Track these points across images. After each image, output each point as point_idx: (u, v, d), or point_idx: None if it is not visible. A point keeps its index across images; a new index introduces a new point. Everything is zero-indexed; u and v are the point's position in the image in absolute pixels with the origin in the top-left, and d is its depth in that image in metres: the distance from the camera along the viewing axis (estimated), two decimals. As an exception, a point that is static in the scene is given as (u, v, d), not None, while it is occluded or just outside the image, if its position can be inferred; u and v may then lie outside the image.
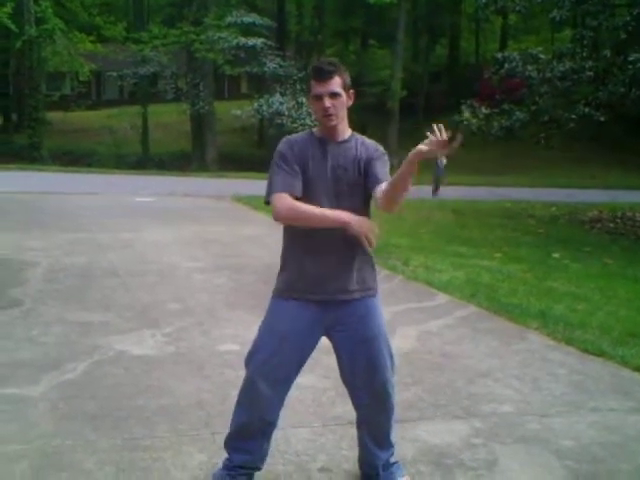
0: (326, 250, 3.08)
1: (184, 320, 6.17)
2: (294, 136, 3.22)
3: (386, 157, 3.18)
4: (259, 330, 3.21)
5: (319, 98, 3.03)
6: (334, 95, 3.02)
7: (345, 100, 3.08)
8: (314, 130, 3.20)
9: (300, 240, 3.12)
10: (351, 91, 3.12)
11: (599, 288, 8.38)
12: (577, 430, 4.15)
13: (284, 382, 3.19)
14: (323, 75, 3.02)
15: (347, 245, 3.07)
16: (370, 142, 3.19)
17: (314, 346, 3.21)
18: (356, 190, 3.10)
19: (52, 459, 3.53)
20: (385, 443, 3.34)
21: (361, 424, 3.35)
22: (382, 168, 3.10)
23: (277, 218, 3.04)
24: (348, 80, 3.10)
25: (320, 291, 3.11)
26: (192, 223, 12.20)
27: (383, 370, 3.20)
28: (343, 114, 3.10)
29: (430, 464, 3.64)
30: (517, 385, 4.87)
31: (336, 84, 3.02)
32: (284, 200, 2.99)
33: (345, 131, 3.15)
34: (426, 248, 10.63)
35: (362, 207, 3.12)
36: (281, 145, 3.14)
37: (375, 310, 3.19)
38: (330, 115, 3.04)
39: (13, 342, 5.40)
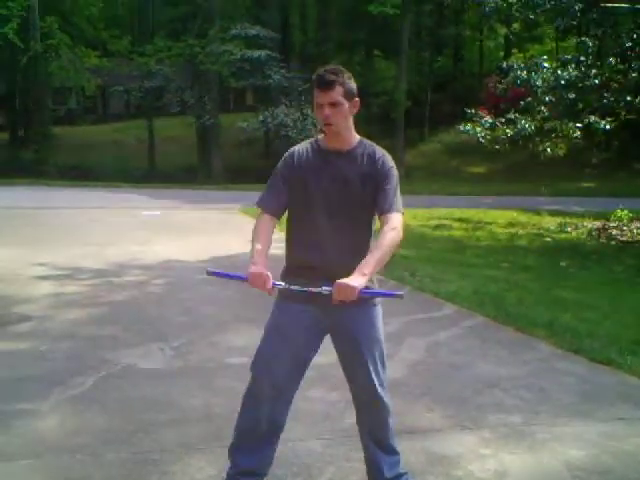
0: (319, 264, 3.10)
1: (192, 333, 6.17)
2: (298, 147, 3.24)
3: (393, 172, 3.14)
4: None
5: (320, 106, 3.06)
6: (333, 105, 3.04)
7: (348, 109, 3.09)
8: (319, 138, 3.21)
9: (294, 256, 3.20)
10: (356, 99, 3.13)
11: (607, 296, 8.36)
12: (586, 439, 4.14)
13: (287, 380, 3.18)
14: (322, 85, 3.05)
15: (341, 259, 3.07)
16: (379, 154, 3.16)
17: (312, 344, 3.20)
18: (358, 204, 3.11)
19: (62, 473, 3.54)
20: (387, 447, 3.32)
21: (359, 422, 3.35)
22: (387, 195, 3.08)
23: None
24: (353, 88, 3.10)
25: (316, 300, 3.09)
26: (200, 235, 12.22)
27: (371, 375, 3.18)
28: (345, 123, 3.11)
29: (439, 475, 3.63)
30: (525, 395, 4.85)
31: (337, 94, 3.04)
32: (258, 217, 3.21)
33: (350, 140, 3.16)
34: (433, 258, 10.63)
35: (361, 223, 3.13)
36: (281, 161, 3.23)
37: (373, 319, 3.19)
38: (329, 124, 3.06)
39: (22, 357, 5.42)
